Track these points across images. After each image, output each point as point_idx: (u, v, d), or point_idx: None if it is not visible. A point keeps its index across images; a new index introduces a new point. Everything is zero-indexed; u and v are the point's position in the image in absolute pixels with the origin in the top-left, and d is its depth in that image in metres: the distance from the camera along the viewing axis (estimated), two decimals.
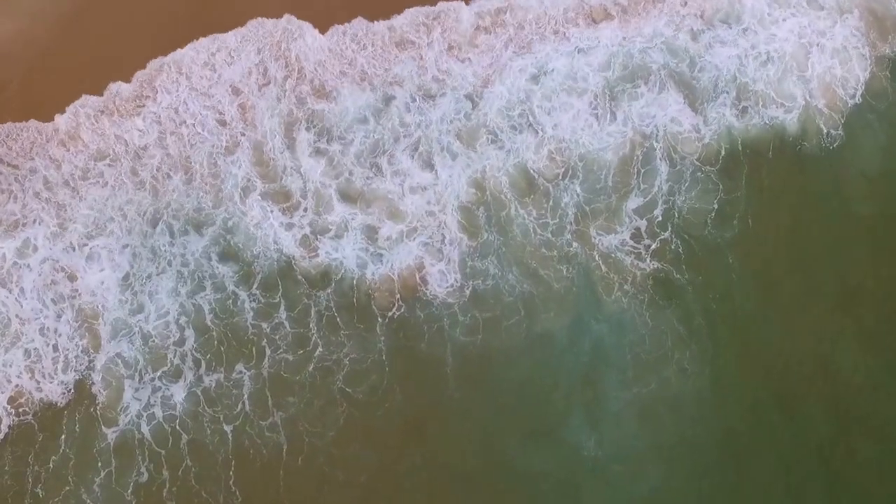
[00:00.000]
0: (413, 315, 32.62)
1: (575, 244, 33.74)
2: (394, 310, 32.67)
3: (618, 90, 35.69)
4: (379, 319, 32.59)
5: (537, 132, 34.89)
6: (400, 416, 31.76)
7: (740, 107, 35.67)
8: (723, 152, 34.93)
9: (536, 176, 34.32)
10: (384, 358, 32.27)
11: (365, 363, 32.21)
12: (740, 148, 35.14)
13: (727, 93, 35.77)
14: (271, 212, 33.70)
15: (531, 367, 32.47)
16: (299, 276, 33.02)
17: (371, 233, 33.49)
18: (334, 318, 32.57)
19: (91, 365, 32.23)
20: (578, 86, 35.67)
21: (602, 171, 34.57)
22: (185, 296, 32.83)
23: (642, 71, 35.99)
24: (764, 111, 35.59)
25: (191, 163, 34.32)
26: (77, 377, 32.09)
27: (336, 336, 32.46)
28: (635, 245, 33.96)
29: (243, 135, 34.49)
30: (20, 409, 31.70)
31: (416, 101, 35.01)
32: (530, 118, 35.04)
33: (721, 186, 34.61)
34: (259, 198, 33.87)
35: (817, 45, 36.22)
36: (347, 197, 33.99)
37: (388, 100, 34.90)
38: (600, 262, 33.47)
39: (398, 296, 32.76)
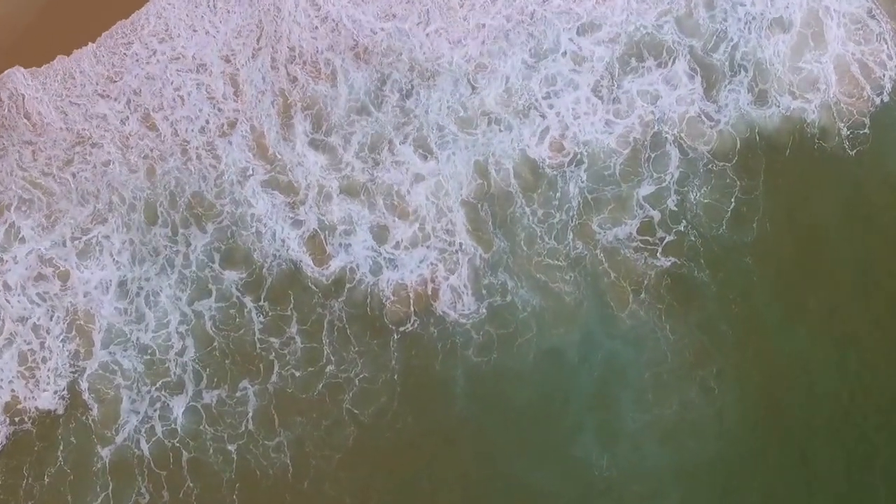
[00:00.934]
0: (426, 332, 31.50)
1: (580, 244, 32.43)
2: (408, 325, 31.53)
3: (625, 70, 33.59)
4: (393, 336, 31.57)
5: (540, 117, 33.05)
6: (409, 439, 30.93)
7: (756, 90, 33.65)
8: (738, 144, 33.26)
9: (540, 165, 32.74)
10: (395, 377, 31.30)
11: (376, 384, 31.29)
12: (758, 140, 33.45)
13: (744, 70, 33.64)
14: (274, 205, 32.09)
15: (542, 386, 31.54)
16: (310, 284, 31.71)
17: (381, 233, 32.15)
18: (346, 332, 31.47)
19: (84, 373, 31.06)
20: (583, 67, 33.58)
21: (609, 159, 32.95)
22: (187, 302, 31.41)
23: (653, 49, 33.74)
24: (783, 98, 33.68)
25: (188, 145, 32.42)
26: (70, 385, 30.97)
27: (348, 352, 31.39)
28: (647, 240, 32.64)
29: (237, 111, 32.55)
30: (16, 418, 30.61)
31: (412, 83, 32.87)
32: (532, 102, 33.11)
33: (738, 183, 33.15)
34: (259, 187, 32.16)
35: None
36: (350, 191, 32.44)
37: (383, 80, 32.72)
38: (609, 267, 32.30)
39: (412, 309, 31.66)
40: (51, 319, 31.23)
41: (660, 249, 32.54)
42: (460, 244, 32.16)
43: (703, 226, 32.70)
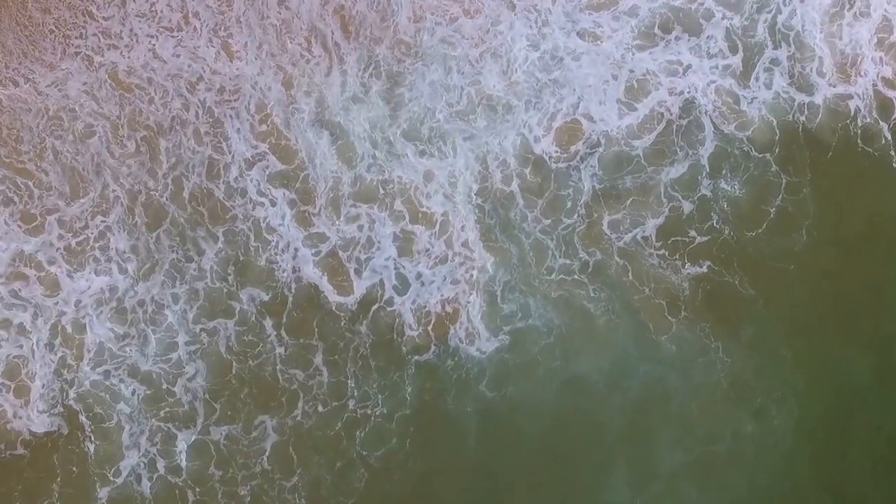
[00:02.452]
0: (443, 363, 29.87)
1: (597, 251, 30.22)
2: (427, 354, 29.83)
3: (647, 44, 30.91)
4: (410, 367, 29.87)
5: (552, 98, 30.63)
6: (420, 483, 29.46)
7: (795, 73, 31.05)
8: (777, 134, 30.72)
9: (548, 159, 30.45)
10: (409, 413, 29.76)
11: (390, 423, 29.75)
12: (801, 134, 30.94)
13: (785, 44, 30.99)
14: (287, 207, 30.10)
15: (566, 420, 29.83)
16: (332, 306, 29.93)
17: (405, 244, 30.23)
18: (369, 362, 29.94)
19: (77, 396, 29.37)
20: (599, 43, 30.89)
21: (629, 148, 30.64)
22: (194, 320, 29.56)
23: (680, 19, 31.11)
24: (826, 83, 31.02)
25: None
26: (61, 410, 29.23)
27: (370, 386, 29.86)
28: (679, 241, 30.48)
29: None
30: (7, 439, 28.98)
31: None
32: (544, 81, 30.66)
33: (784, 180, 30.70)
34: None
35: None
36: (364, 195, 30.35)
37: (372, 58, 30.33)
38: (635, 278, 30.26)
39: (432, 335, 30.00)
40: (37, 333, 29.45)
41: (686, 254, 30.51)
42: (477, 265, 30.23)
43: (741, 226, 30.61)
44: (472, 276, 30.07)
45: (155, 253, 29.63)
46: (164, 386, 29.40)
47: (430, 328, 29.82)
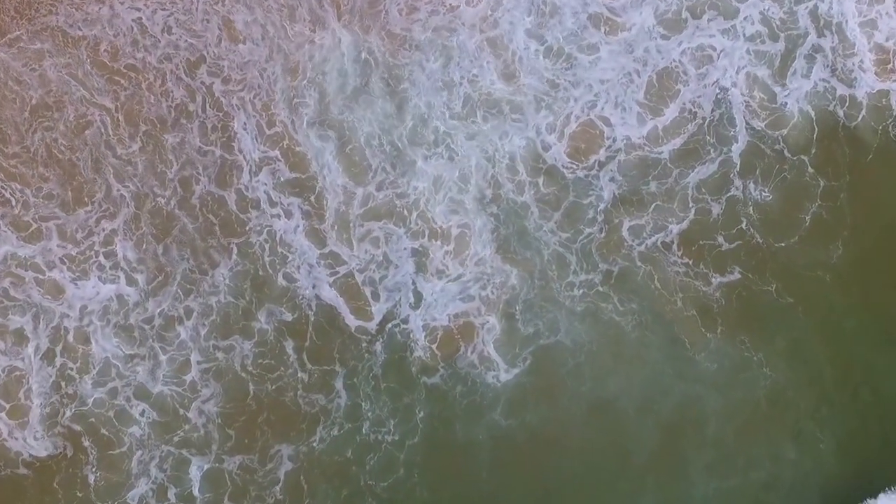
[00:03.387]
0: (452, 389, 28.72)
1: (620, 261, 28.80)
2: (434, 377, 28.73)
3: (671, 32, 29.26)
4: (421, 392, 28.81)
5: (561, 101, 29.08)
6: None
7: (837, 66, 29.46)
8: (816, 131, 29.24)
9: (562, 168, 29.15)
10: (418, 440, 28.59)
11: (400, 451, 28.59)
12: (840, 131, 29.36)
13: (829, 33, 29.34)
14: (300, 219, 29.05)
15: (591, 444, 28.56)
16: (352, 328, 28.78)
17: (420, 260, 29.02)
18: (381, 385, 28.87)
19: (80, 415, 28.24)
20: (617, 34, 29.34)
21: (653, 153, 29.15)
22: (207, 337, 28.44)
23: (713, 5, 29.51)
24: (869, 78, 29.35)
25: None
26: (63, 430, 28.15)
27: (382, 410, 28.79)
28: (708, 245, 29.07)
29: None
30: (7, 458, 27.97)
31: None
32: (555, 79, 29.21)
33: (821, 183, 29.21)
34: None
35: None
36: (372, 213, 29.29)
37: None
38: (661, 287, 28.96)
39: (438, 354, 28.84)
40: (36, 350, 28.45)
41: (713, 261, 29.10)
42: (482, 273, 29.04)
43: (772, 233, 29.15)
44: (488, 293, 28.90)
45: (166, 265, 28.67)
46: (177, 408, 28.53)
47: (435, 347, 28.78)
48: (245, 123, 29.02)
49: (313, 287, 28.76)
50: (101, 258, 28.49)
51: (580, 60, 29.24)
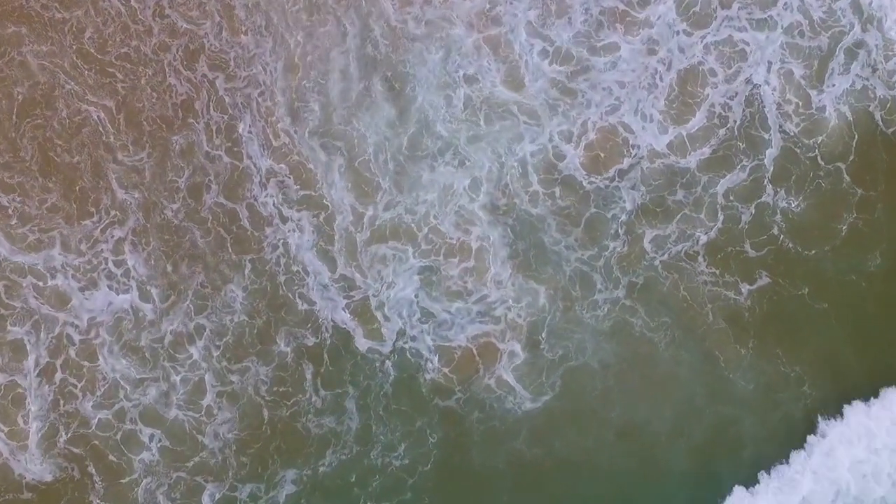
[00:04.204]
0: (470, 412, 27.40)
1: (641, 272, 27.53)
2: (450, 400, 27.41)
3: (694, 28, 27.83)
4: (435, 415, 27.54)
5: (578, 106, 27.66)
6: None
7: (879, 68, 28.05)
8: (856, 138, 27.78)
9: (580, 177, 27.66)
10: (430, 467, 27.34)
11: (412, 475, 27.37)
12: (879, 139, 28.07)
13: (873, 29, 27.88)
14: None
15: (621, 473, 27.13)
16: (364, 349, 27.50)
17: (431, 276, 27.66)
18: (391, 406, 27.69)
19: (83, 438, 26.97)
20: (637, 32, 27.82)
21: (680, 160, 27.68)
22: (219, 358, 27.23)
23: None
24: None
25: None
26: (65, 450, 26.86)
27: (393, 432, 27.53)
28: (736, 252, 27.66)
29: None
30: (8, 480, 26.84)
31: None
32: (569, 83, 27.79)
33: (858, 192, 27.88)
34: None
35: None
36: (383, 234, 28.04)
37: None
38: (692, 300, 27.57)
39: (455, 378, 27.49)
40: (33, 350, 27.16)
41: (741, 270, 27.70)
42: (502, 295, 27.59)
43: (804, 241, 27.77)
44: (509, 315, 27.51)
45: (179, 283, 27.41)
46: (193, 433, 27.28)
47: (450, 369, 27.44)
48: (251, 128, 27.73)
49: (327, 309, 27.46)
50: (111, 266, 27.18)
51: (594, 63, 27.72)
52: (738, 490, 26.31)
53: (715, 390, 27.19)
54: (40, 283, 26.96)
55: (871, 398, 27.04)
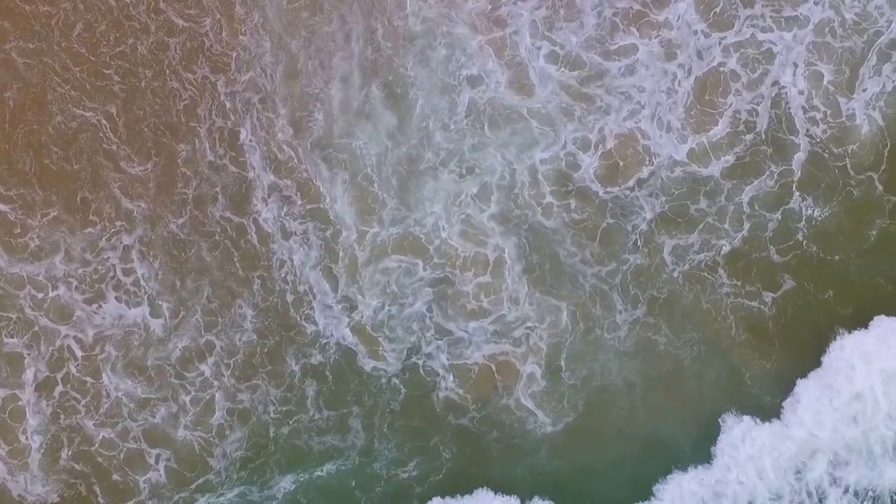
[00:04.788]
0: (487, 434, 26.53)
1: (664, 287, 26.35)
2: (464, 418, 26.53)
3: (714, 29, 26.59)
4: (447, 433, 26.74)
5: (601, 108, 26.53)
6: None
7: None
8: (888, 146, 26.62)
9: (596, 187, 26.58)
10: (443, 477, 26.64)
11: (422, 484, 26.61)
12: None
13: None
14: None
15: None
16: (365, 368, 26.67)
17: (444, 293, 26.58)
18: (402, 422, 26.85)
19: (83, 456, 26.23)
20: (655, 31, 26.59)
21: (702, 168, 26.64)
22: (230, 377, 26.36)
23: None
24: None
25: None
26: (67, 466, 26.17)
27: (402, 449, 26.77)
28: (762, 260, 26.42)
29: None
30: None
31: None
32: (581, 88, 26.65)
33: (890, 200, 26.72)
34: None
35: None
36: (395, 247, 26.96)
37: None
38: (714, 313, 26.51)
39: (470, 397, 26.64)
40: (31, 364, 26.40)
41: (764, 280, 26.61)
42: (521, 315, 26.56)
43: (831, 247, 26.76)
44: (527, 336, 26.44)
45: (188, 298, 26.55)
46: (202, 454, 26.55)
47: (465, 389, 26.52)
48: (251, 137, 26.70)
49: (332, 328, 26.54)
50: (120, 274, 26.33)
51: (608, 68, 26.49)
52: None
53: (741, 405, 26.20)
54: (40, 295, 26.08)
55: None
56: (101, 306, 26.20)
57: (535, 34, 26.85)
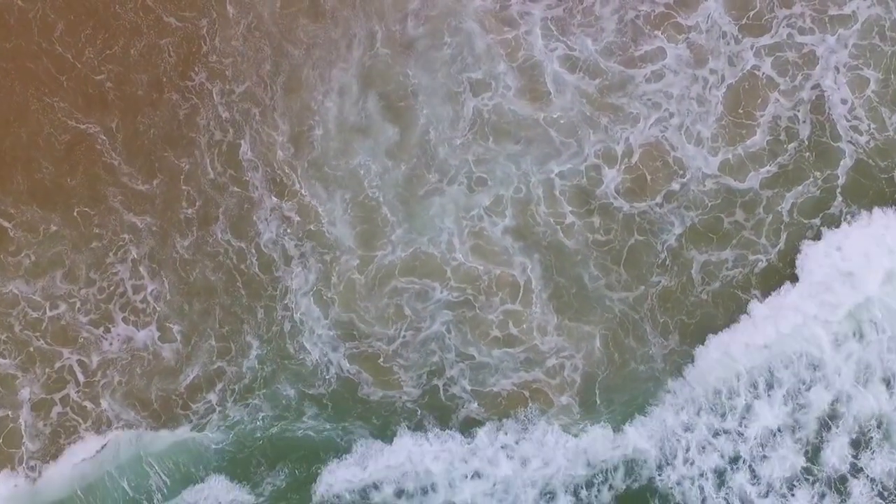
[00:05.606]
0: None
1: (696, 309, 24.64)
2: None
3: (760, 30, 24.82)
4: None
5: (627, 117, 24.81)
6: None
7: None
8: None
9: (620, 202, 24.92)
10: None
11: None
12: None
13: None
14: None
15: None
16: (375, 396, 25.06)
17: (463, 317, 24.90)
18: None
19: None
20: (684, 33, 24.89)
21: (738, 181, 24.89)
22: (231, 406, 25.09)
23: None
24: None
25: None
26: None
27: None
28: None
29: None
30: None
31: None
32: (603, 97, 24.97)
33: None
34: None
35: None
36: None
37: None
38: None
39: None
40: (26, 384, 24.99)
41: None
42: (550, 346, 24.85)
43: None
44: (559, 367, 24.77)
45: (199, 323, 25.13)
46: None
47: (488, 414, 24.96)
48: (251, 152, 25.12)
49: (333, 356, 24.97)
50: (129, 290, 24.90)
51: (631, 75, 24.62)
52: None
53: None
54: (36, 314, 24.71)
55: None
56: (108, 329, 24.80)
57: (548, 36, 25.02)
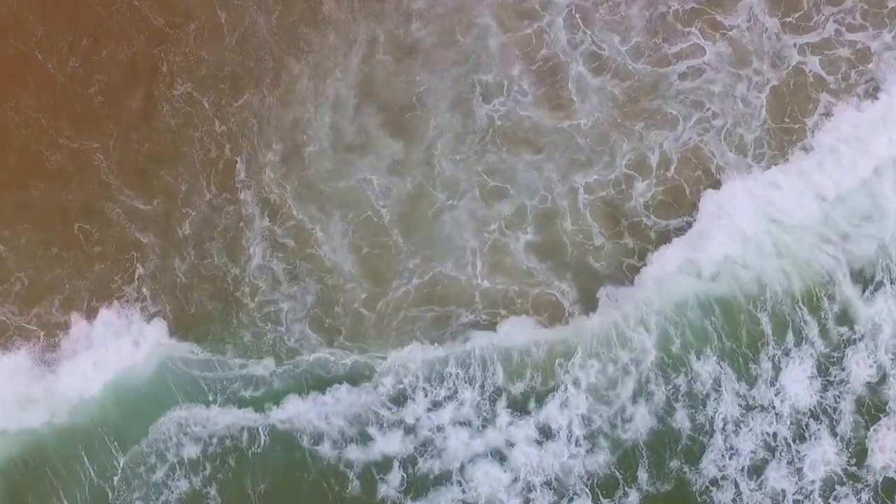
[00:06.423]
0: None
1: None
2: None
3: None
4: None
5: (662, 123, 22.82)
6: None
7: None
8: None
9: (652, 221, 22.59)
10: None
11: None
12: None
13: None
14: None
15: None
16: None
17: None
18: None
19: None
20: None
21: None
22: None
23: None
24: None
25: None
26: None
27: None
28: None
29: None
30: None
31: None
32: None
33: None
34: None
35: None
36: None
37: None
38: None
39: None
40: None
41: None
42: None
43: None
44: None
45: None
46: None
47: None
48: (245, 174, 23.30)
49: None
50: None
51: (666, 74, 22.42)
52: None
53: None
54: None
55: None
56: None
57: (573, 27, 22.87)
